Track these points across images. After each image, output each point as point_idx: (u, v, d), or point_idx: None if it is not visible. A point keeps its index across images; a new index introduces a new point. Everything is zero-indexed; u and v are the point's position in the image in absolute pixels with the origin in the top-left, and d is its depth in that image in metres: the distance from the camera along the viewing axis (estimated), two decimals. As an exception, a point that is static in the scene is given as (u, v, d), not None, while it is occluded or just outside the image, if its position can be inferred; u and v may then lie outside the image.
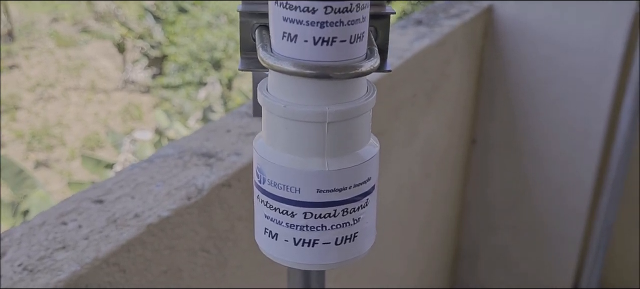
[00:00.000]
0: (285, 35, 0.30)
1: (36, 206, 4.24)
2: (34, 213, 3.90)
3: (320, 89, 0.30)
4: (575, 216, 1.39)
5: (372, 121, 1.02)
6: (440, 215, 1.46)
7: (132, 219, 0.62)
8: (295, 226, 0.32)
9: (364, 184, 0.32)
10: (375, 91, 0.33)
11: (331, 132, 0.31)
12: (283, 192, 0.32)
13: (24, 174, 4.61)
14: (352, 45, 0.30)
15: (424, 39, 1.18)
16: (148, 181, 0.69)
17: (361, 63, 0.30)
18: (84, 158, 5.25)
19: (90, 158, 5.27)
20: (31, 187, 4.53)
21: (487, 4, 1.41)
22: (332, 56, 0.29)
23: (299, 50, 0.30)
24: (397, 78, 1.07)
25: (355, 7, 0.29)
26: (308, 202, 0.31)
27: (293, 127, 0.31)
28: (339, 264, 0.33)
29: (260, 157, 0.32)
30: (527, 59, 1.38)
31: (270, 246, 0.33)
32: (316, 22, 0.29)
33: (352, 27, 0.30)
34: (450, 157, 1.42)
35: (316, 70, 0.29)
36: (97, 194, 0.66)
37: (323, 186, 0.31)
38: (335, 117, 0.30)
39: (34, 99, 7.94)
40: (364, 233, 0.33)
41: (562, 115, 1.35)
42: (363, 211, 0.33)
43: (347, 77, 0.30)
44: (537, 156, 1.41)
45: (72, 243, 0.58)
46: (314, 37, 0.29)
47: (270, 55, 0.30)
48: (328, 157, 0.31)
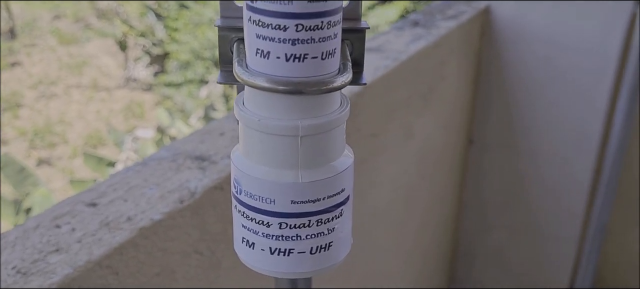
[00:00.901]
0: (258, 52, 0.31)
1: (38, 204, 4.26)
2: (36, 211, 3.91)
3: (293, 104, 0.31)
4: (571, 216, 1.40)
5: (367, 122, 1.02)
6: (437, 215, 1.46)
7: (125, 223, 0.63)
8: (271, 235, 0.33)
9: (338, 195, 0.33)
10: (349, 104, 0.34)
11: (304, 146, 0.31)
12: (259, 203, 0.32)
13: (26, 172, 4.63)
14: (323, 61, 0.31)
15: (420, 41, 1.18)
16: (141, 184, 0.70)
17: (333, 78, 0.31)
18: (85, 156, 5.26)
19: (92, 156, 5.28)
20: (33, 185, 4.55)
21: (485, 4, 1.41)
22: (304, 72, 0.30)
23: (272, 66, 0.30)
24: (393, 80, 1.08)
25: (326, 25, 0.30)
26: (283, 213, 0.32)
27: (267, 140, 0.32)
28: (314, 272, 0.34)
29: (237, 169, 0.33)
30: (524, 59, 1.38)
31: (248, 255, 0.34)
32: (288, 39, 0.30)
33: (323, 44, 0.30)
34: (447, 158, 1.43)
35: (288, 86, 0.30)
36: (91, 197, 0.67)
37: (297, 198, 0.32)
38: (308, 131, 0.31)
39: (36, 97, 7.96)
40: (338, 243, 0.34)
41: (559, 115, 1.36)
42: (337, 221, 0.34)
43: (319, 93, 0.31)
44: (534, 156, 1.42)
45: (66, 246, 0.59)
46: (286, 53, 0.30)
47: (245, 70, 0.31)
48: (302, 169, 0.32)
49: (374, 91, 1.02)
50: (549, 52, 1.34)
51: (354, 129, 1.00)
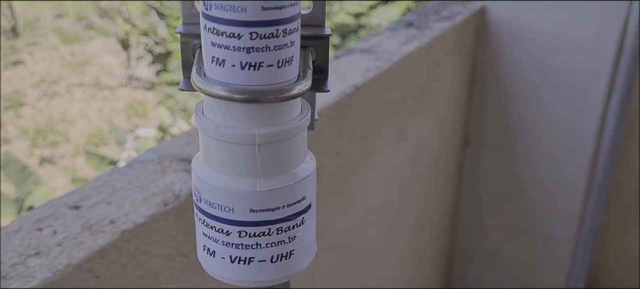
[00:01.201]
0: (214, 60, 0.30)
1: (40, 202, 4.27)
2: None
3: (250, 112, 0.31)
4: (567, 217, 1.39)
5: (359, 124, 1.02)
6: (433, 216, 1.46)
7: (107, 226, 0.63)
8: (231, 244, 0.33)
9: (299, 204, 0.33)
10: (309, 111, 0.33)
11: (262, 154, 0.31)
12: (218, 211, 0.32)
13: (28, 170, 4.63)
14: (280, 69, 0.30)
15: (413, 42, 1.18)
16: (126, 186, 0.70)
17: (291, 86, 0.31)
18: (87, 155, 5.27)
19: (94, 155, 5.29)
20: (35, 184, 4.55)
21: (480, 5, 1.41)
22: (260, 80, 0.30)
23: (228, 75, 0.30)
24: (384, 81, 1.07)
25: (281, 33, 0.30)
26: (242, 222, 0.32)
27: (225, 148, 0.31)
28: (276, 281, 0.34)
29: (197, 177, 0.33)
30: (519, 60, 1.38)
31: (209, 263, 0.34)
32: (242, 47, 0.30)
33: (279, 52, 0.30)
34: (442, 159, 1.43)
35: (244, 94, 0.30)
36: (74, 200, 0.66)
37: (255, 206, 0.32)
38: (265, 139, 0.31)
39: (38, 95, 7.97)
40: (300, 250, 0.34)
41: (554, 116, 1.35)
42: (299, 230, 0.33)
43: (275, 101, 0.30)
44: (529, 157, 1.41)
45: (46, 249, 0.59)
46: (241, 62, 0.30)
47: (202, 78, 0.31)
48: (260, 177, 0.32)
49: (365, 92, 1.02)
50: (545, 53, 1.33)
51: (346, 131, 1.00)
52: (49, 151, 6.98)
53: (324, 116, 0.93)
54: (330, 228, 1.04)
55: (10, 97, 7.85)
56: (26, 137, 7.18)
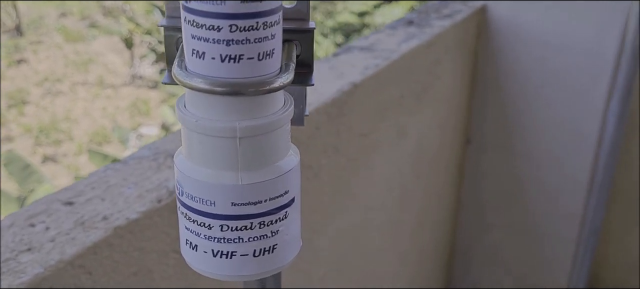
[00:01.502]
0: (194, 52, 0.30)
1: (42, 200, 4.27)
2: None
3: (231, 105, 0.30)
4: (569, 216, 1.38)
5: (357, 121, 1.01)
6: (434, 215, 1.45)
7: (100, 222, 0.62)
8: (213, 238, 0.32)
9: (281, 197, 0.33)
10: (292, 104, 0.33)
11: (243, 147, 0.31)
12: (199, 205, 0.32)
13: (30, 168, 4.64)
14: (260, 62, 0.30)
15: (413, 40, 1.17)
16: (120, 183, 0.69)
17: (272, 79, 0.30)
18: (91, 153, 5.28)
19: (97, 153, 5.30)
20: (38, 182, 4.56)
21: (481, 4, 1.40)
22: (240, 73, 0.30)
23: (208, 67, 0.30)
24: (383, 79, 1.07)
25: (261, 26, 0.29)
26: (223, 215, 0.32)
27: (206, 141, 0.31)
28: (259, 275, 0.33)
29: (178, 171, 0.33)
30: (521, 59, 1.37)
31: (192, 257, 0.34)
32: (222, 40, 0.29)
33: (259, 44, 0.30)
34: (443, 158, 1.42)
35: (224, 87, 0.30)
36: (68, 196, 0.66)
37: (237, 200, 0.31)
38: (247, 132, 0.31)
39: (42, 94, 7.99)
40: (284, 245, 0.34)
41: (555, 116, 1.35)
42: (282, 224, 0.33)
43: (255, 94, 0.30)
44: (531, 156, 1.41)
45: (38, 245, 0.58)
46: (221, 54, 0.30)
47: (182, 71, 0.30)
48: (241, 171, 0.31)
49: (364, 90, 1.01)
50: (545, 53, 1.32)
51: (345, 128, 1.00)
52: (52, 149, 6.99)
53: (322, 113, 0.92)
54: (329, 226, 1.03)
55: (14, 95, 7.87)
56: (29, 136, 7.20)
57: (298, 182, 0.34)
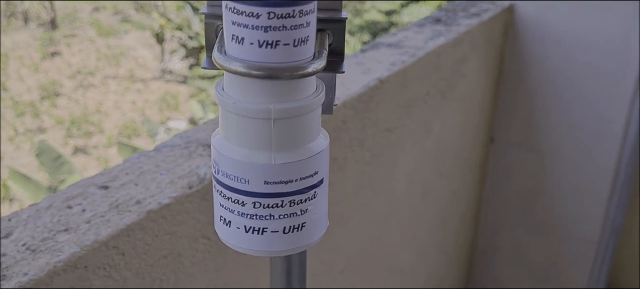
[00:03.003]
0: (234, 38, 0.32)
1: (72, 190, 4.35)
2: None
3: (267, 88, 0.33)
4: (591, 216, 1.38)
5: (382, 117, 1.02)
6: (456, 212, 1.46)
7: (134, 205, 0.65)
8: (246, 214, 0.34)
9: (311, 178, 0.35)
10: (324, 89, 0.35)
11: (277, 128, 0.33)
12: (234, 182, 0.34)
13: (62, 159, 4.74)
14: (296, 48, 0.32)
15: (440, 38, 1.19)
16: (153, 169, 0.72)
17: (306, 64, 0.32)
18: (120, 145, 5.36)
19: (126, 146, 5.38)
20: (68, 173, 4.66)
21: (508, 3, 1.40)
22: (276, 58, 0.32)
23: (246, 52, 0.32)
24: (409, 76, 1.08)
25: (297, 13, 0.31)
26: (256, 193, 0.34)
27: (242, 122, 0.33)
28: (288, 251, 0.35)
29: (215, 150, 0.35)
30: (547, 58, 1.38)
31: (225, 233, 0.36)
32: (260, 26, 0.31)
33: (295, 31, 0.32)
34: (467, 155, 1.43)
35: (260, 71, 0.32)
36: (103, 181, 0.69)
37: (270, 178, 0.33)
38: (280, 114, 0.33)
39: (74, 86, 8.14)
40: (312, 223, 0.36)
41: (580, 116, 1.35)
42: (310, 203, 0.35)
43: (290, 78, 0.32)
44: (554, 156, 1.41)
45: (75, 225, 0.61)
46: (259, 40, 0.31)
47: (222, 56, 0.33)
48: (275, 151, 0.33)
49: (389, 86, 1.03)
50: (571, 52, 1.32)
51: (370, 123, 1.01)
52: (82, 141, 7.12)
53: (348, 107, 0.94)
54: (351, 218, 1.05)
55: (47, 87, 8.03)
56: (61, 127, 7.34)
57: (327, 164, 0.36)
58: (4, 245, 0.58)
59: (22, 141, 7.21)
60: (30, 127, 7.47)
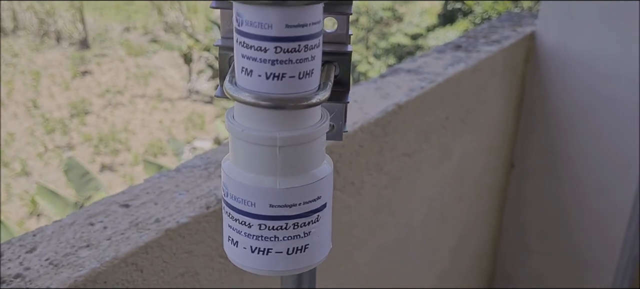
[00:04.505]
0: (243, 70, 0.34)
1: (98, 207, 4.41)
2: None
3: (273, 117, 0.34)
4: (611, 245, 1.37)
5: (401, 141, 1.04)
6: (474, 237, 1.46)
7: (153, 224, 0.67)
8: (252, 235, 0.36)
9: (314, 202, 0.36)
10: (328, 118, 0.37)
11: (282, 155, 0.35)
12: (241, 205, 0.36)
13: (89, 176, 4.82)
14: (301, 80, 0.34)
15: (459, 64, 1.20)
16: (173, 189, 0.74)
17: (310, 95, 0.34)
18: (146, 163, 5.44)
19: (152, 164, 5.46)
20: (95, 189, 4.73)
21: (530, 30, 1.41)
22: (283, 89, 0.34)
23: (255, 83, 0.34)
24: (428, 101, 1.09)
25: (303, 48, 0.33)
26: (262, 216, 0.36)
27: (249, 149, 0.35)
28: (291, 271, 0.37)
29: (225, 174, 0.37)
30: (568, 86, 1.38)
31: (233, 252, 0.38)
32: (268, 60, 0.33)
33: (300, 65, 0.34)
34: (486, 181, 1.43)
35: (268, 101, 0.33)
36: (125, 199, 0.71)
37: (275, 202, 0.35)
38: (286, 142, 0.34)
39: (104, 105, 8.29)
40: (314, 245, 0.37)
41: (601, 144, 1.34)
42: (314, 226, 0.37)
43: (295, 108, 0.34)
44: (575, 183, 1.40)
45: (96, 242, 0.64)
46: (266, 72, 0.33)
47: (233, 86, 0.35)
48: (280, 176, 0.35)
49: (408, 111, 1.04)
50: (593, 80, 1.32)
51: (388, 147, 1.03)
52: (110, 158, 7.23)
53: (366, 132, 0.96)
54: (368, 242, 1.06)
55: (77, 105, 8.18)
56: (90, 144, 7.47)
57: (330, 189, 0.38)
58: (28, 259, 0.60)
59: (51, 158, 7.35)
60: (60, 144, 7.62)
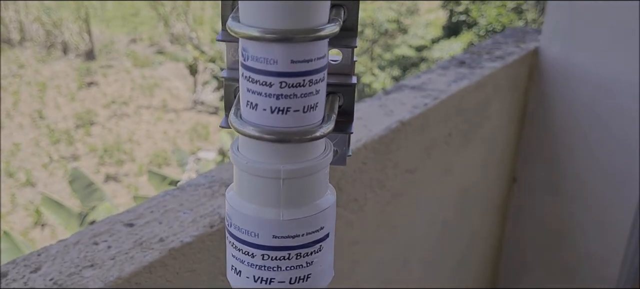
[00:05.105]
0: (248, 103, 0.35)
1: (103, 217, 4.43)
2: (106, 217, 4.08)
3: (277, 150, 0.35)
4: (612, 259, 1.37)
5: (404, 158, 1.04)
6: (476, 252, 1.46)
7: (157, 243, 0.68)
8: (255, 265, 0.37)
9: (317, 233, 0.37)
10: (332, 149, 0.37)
11: (286, 187, 0.35)
12: (245, 235, 0.36)
13: (93, 186, 4.83)
14: (305, 114, 0.34)
15: (463, 81, 1.20)
16: (177, 208, 0.75)
17: (314, 129, 0.35)
18: (150, 174, 5.45)
19: (156, 174, 5.46)
20: (99, 200, 4.74)
21: (534, 45, 1.42)
22: (287, 123, 0.34)
23: (259, 117, 0.34)
24: (431, 118, 1.10)
25: (307, 83, 0.34)
26: (265, 246, 0.36)
27: (254, 181, 0.36)
28: None
29: (229, 205, 0.37)
30: (571, 101, 1.38)
31: (236, 281, 0.38)
32: (272, 94, 0.34)
33: (305, 99, 0.34)
34: (488, 196, 1.43)
35: (272, 135, 0.34)
36: (129, 218, 0.72)
37: (278, 233, 0.36)
38: (289, 174, 0.35)
39: (109, 116, 8.32)
40: (317, 274, 0.38)
41: (603, 159, 1.34)
42: (316, 256, 0.37)
43: (299, 142, 0.34)
44: (576, 198, 1.40)
45: (100, 261, 0.64)
46: (271, 106, 0.34)
47: (238, 119, 0.35)
48: (283, 208, 0.35)
49: (411, 128, 1.05)
50: (596, 96, 1.33)
51: (391, 164, 1.03)
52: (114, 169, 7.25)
53: (369, 149, 0.96)
54: (370, 258, 1.07)
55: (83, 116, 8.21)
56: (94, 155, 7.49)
57: (333, 219, 0.38)
58: (33, 279, 0.60)
59: (56, 168, 7.38)
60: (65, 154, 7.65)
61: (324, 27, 0.33)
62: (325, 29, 0.33)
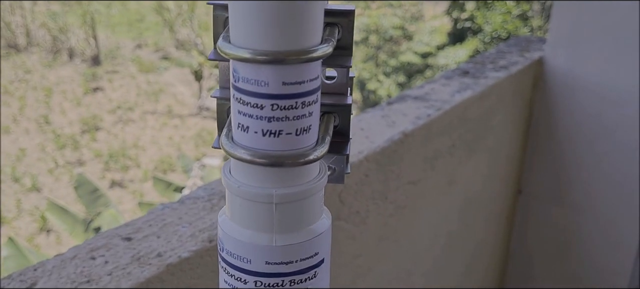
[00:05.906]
0: (239, 126, 0.33)
1: (107, 223, 4.43)
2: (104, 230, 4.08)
3: (270, 174, 0.34)
4: (619, 272, 1.36)
5: (407, 170, 1.03)
6: (481, 264, 1.45)
7: (155, 258, 0.67)
8: None
9: (311, 258, 0.35)
10: (327, 172, 0.36)
11: (279, 212, 0.34)
12: (237, 261, 0.35)
13: (98, 192, 4.83)
14: (298, 136, 0.33)
15: (467, 91, 1.19)
16: (176, 221, 0.74)
17: (308, 152, 0.33)
18: (155, 180, 5.45)
19: (161, 180, 5.47)
20: (104, 206, 4.75)
21: (538, 55, 1.41)
22: (279, 146, 0.33)
23: (251, 140, 0.33)
24: (434, 129, 1.09)
25: (300, 105, 0.33)
26: (258, 272, 0.35)
27: (246, 205, 0.34)
28: None
29: (221, 229, 0.36)
30: (576, 111, 1.37)
31: None
32: (264, 117, 0.33)
33: (297, 121, 0.33)
34: (493, 207, 1.42)
35: (264, 159, 0.33)
36: (127, 232, 0.71)
37: (271, 259, 0.35)
38: (282, 199, 0.34)
39: (114, 121, 8.33)
40: None
41: (608, 171, 1.33)
42: (311, 282, 0.36)
43: (292, 166, 0.33)
44: (581, 209, 1.39)
45: (97, 277, 0.63)
46: (263, 129, 0.33)
47: (229, 142, 0.34)
48: (276, 233, 0.34)
49: (414, 139, 1.04)
50: (601, 107, 1.32)
51: (393, 176, 1.02)
52: (119, 174, 7.25)
53: (372, 161, 0.95)
54: (373, 271, 1.05)
55: (88, 121, 8.23)
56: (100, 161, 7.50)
57: (328, 244, 0.37)
58: (28, 296, 0.60)
59: (62, 173, 7.39)
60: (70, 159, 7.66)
61: (316, 49, 0.32)
62: (317, 50, 0.32)
